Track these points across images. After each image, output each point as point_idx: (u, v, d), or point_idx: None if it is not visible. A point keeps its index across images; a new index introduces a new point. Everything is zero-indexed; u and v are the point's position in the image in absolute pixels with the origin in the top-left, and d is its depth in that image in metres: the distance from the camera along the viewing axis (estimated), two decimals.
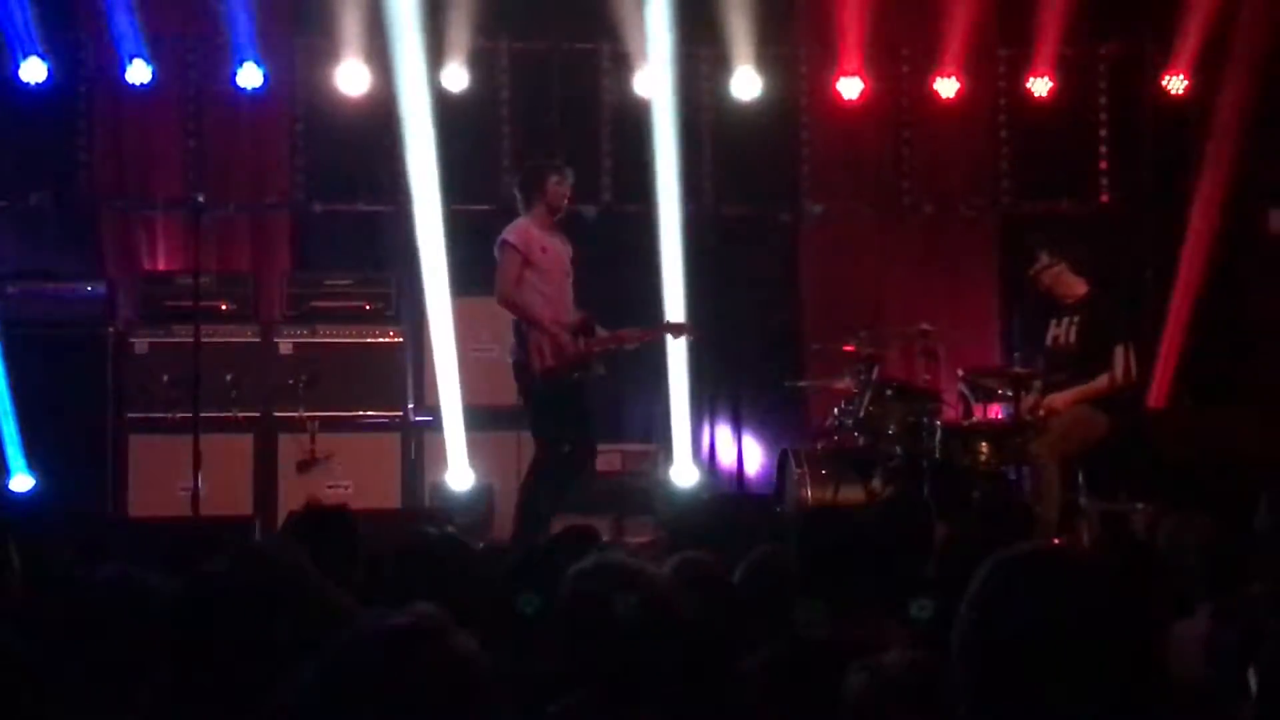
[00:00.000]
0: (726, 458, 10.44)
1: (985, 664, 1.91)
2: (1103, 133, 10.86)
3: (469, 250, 9.60)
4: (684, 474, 9.97)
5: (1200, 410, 10.01)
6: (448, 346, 9.54)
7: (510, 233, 8.17)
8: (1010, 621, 1.90)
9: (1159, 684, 1.91)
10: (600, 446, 8.57)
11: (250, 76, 10.04)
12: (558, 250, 8.21)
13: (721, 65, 10.54)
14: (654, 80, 10.27)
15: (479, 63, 10.33)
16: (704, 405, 10.30)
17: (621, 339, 8.48)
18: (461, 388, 9.52)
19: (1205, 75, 10.61)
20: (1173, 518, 4.57)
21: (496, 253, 8.14)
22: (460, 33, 10.18)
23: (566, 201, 8.31)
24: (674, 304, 9.75)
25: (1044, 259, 8.45)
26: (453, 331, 9.56)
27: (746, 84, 10.50)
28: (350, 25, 10.05)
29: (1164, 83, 10.71)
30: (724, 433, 10.46)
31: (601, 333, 8.27)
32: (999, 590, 1.94)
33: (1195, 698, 3.16)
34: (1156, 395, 10.26)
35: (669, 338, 9.30)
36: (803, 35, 10.79)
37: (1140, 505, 8.08)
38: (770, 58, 10.56)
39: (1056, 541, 7.46)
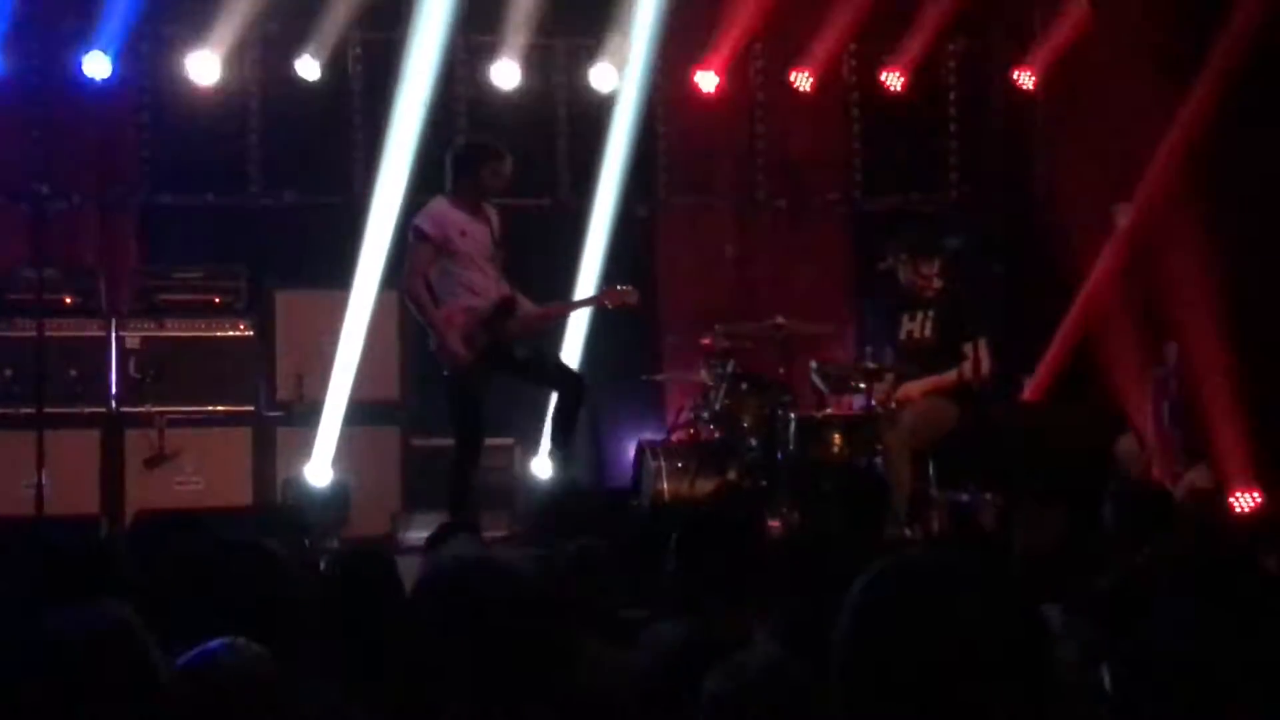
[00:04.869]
0: (584, 451, 10.41)
1: (867, 676, 1.89)
2: (952, 127, 11.05)
3: (326, 244, 9.53)
4: (542, 468, 9.94)
5: (1047, 404, 10.20)
6: (314, 340, 9.43)
7: (424, 219, 7.92)
8: (895, 633, 1.89)
9: (1051, 690, 1.91)
10: None
11: (97, 66, 9.82)
12: (478, 232, 7.95)
13: (577, 57, 10.54)
14: (507, 71, 10.32)
15: (332, 53, 10.21)
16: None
17: (547, 315, 8.44)
18: (321, 382, 9.42)
19: (1053, 71, 10.83)
20: (1026, 510, 4.64)
21: (410, 237, 7.95)
22: (313, 22, 10.06)
23: (498, 189, 8.07)
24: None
25: (904, 258, 8.55)
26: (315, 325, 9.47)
27: (603, 76, 10.51)
28: (201, 14, 9.90)
29: (1013, 78, 10.94)
30: (582, 426, 10.43)
31: (528, 307, 8.16)
32: (881, 600, 1.92)
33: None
34: (1036, 389, 10.42)
35: (607, 305, 8.51)
36: (658, 28, 10.80)
37: (988, 496, 8.22)
38: (625, 51, 10.56)
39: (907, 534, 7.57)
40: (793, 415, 8.65)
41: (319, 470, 9.31)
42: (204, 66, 9.95)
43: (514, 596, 2.66)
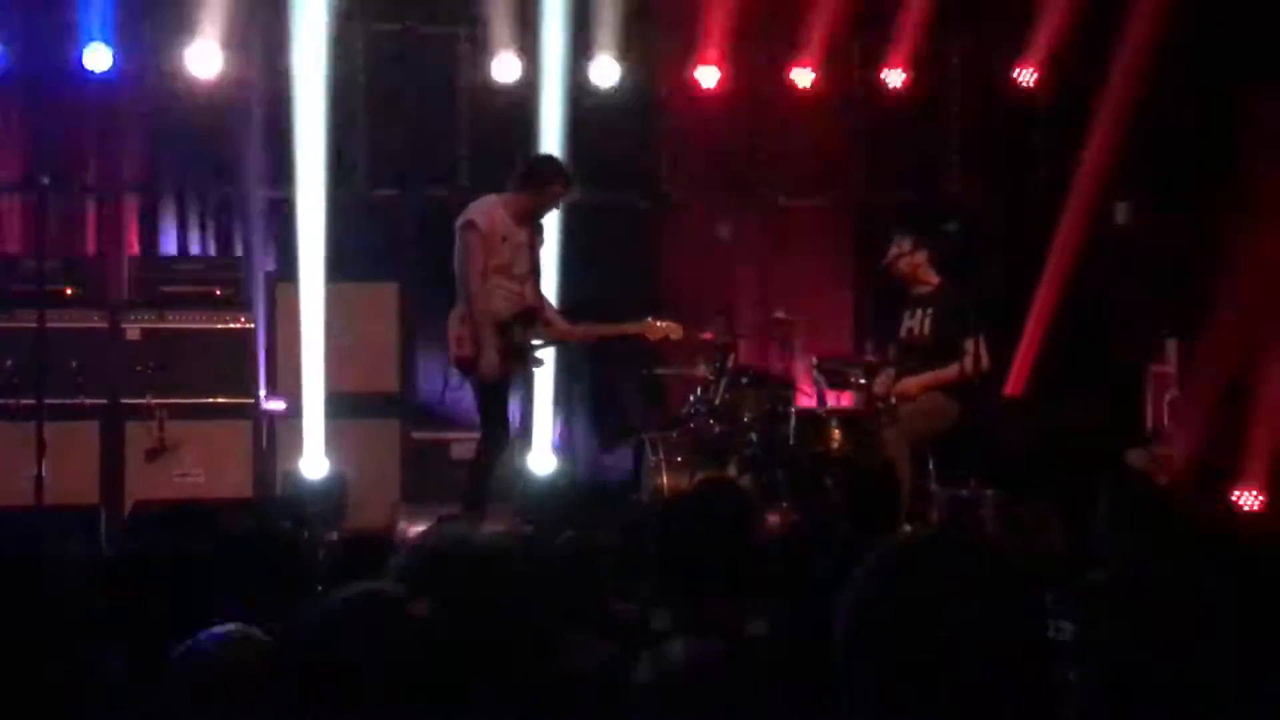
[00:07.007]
0: (584, 445, 10.43)
1: (874, 654, 1.89)
2: (954, 124, 11.05)
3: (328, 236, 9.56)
4: (542, 461, 9.95)
5: (1047, 399, 10.20)
6: (312, 333, 9.43)
7: (475, 213, 7.98)
8: (899, 611, 1.89)
9: (1045, 676, 1.91)
10: (458, 434, 8.52)
11: (98, 58, 9.81)
12: (519, 242, 8.05)
13: (581, 52, 10.53)
14: (513, 65, 10.31)
15: (335, 45, 10.20)
16: (562, 392, 10.28)
17: (575, 335, 8.50)
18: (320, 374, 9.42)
19: (1055, 69, 10.83)
20: (1025, 506, 4.64)
21: (459, 231, 7.98)
22: (316, 14, 10.04)
23: (548, 210, 8.22)
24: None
25: (905, 246, 8.56)
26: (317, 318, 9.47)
27: (605, 71, 10.50)
28: (201, 6, 9.89)
29: (1014, 76, 10.93)
30: (582, 420, 10.44)
31: (558, 322, 8.26)
32: (889, 578, 1.92)
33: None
34: (1014, 383, 10.43)
35: (647, 339, 8.55)
36: (661, 23, 10.80)
37: (989, 492, 8.22)
38: (629, 45, 10.56)
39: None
40: (792, 410, 8.66)
41: (317, 463, 9.32)
42: (205, 58, 9.94)
43: (497, 575, 2.67)
